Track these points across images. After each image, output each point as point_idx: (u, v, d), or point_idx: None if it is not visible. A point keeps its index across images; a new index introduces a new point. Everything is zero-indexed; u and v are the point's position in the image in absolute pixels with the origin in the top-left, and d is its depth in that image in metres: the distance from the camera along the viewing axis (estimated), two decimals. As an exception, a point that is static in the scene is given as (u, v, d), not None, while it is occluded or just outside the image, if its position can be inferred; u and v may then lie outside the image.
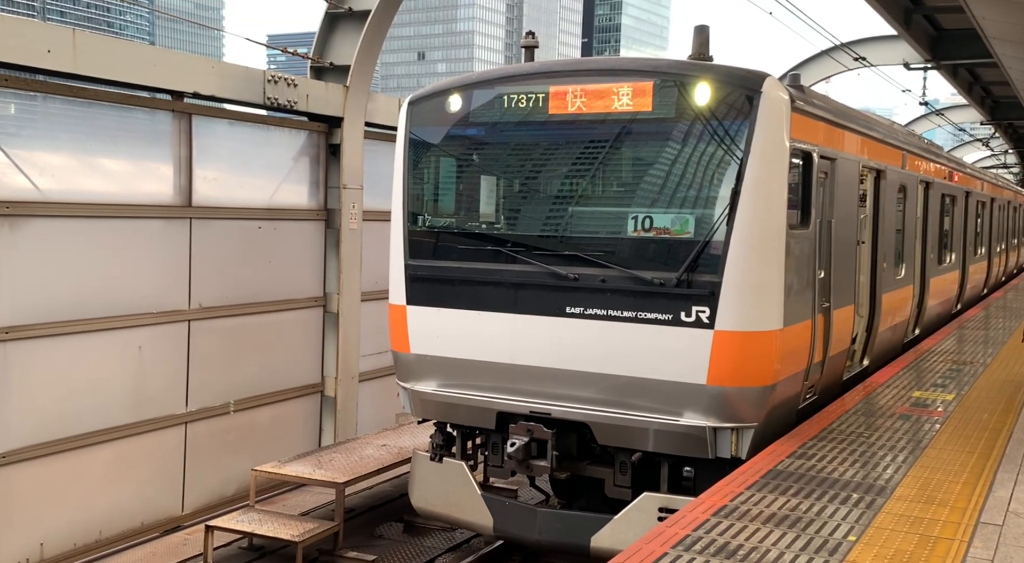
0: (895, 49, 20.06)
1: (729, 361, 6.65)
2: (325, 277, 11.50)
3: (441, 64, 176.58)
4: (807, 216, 7.47)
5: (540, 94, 7.36)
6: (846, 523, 5.28)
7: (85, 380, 8.63)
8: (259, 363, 10.59)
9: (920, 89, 24.35)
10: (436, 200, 8.20)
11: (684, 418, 6.79)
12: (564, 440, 7.26)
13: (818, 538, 5.04)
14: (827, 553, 4.83)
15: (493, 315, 7.43)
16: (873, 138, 9.69)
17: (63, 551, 8.47)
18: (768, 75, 6.98)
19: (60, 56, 8.11)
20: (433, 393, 7.76)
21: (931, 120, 31.96)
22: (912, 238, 11.84)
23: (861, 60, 19.57)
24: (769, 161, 6.77)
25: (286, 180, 11.08)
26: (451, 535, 9.22)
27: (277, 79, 10.43)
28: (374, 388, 12.37)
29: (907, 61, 19.75)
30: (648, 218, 7.02)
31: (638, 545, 4.90)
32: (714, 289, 6.63)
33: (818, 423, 7.61)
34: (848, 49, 19.69)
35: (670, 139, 7.02)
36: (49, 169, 8.38)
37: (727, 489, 5.86)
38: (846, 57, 20.02)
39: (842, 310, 8.48)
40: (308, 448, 10.57)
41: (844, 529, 5.19)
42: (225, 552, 8.42)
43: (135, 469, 9.17)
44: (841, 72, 22.21)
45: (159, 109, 9.41)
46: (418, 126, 7.95)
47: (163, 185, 9.49)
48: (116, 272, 8.90)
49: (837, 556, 4.79)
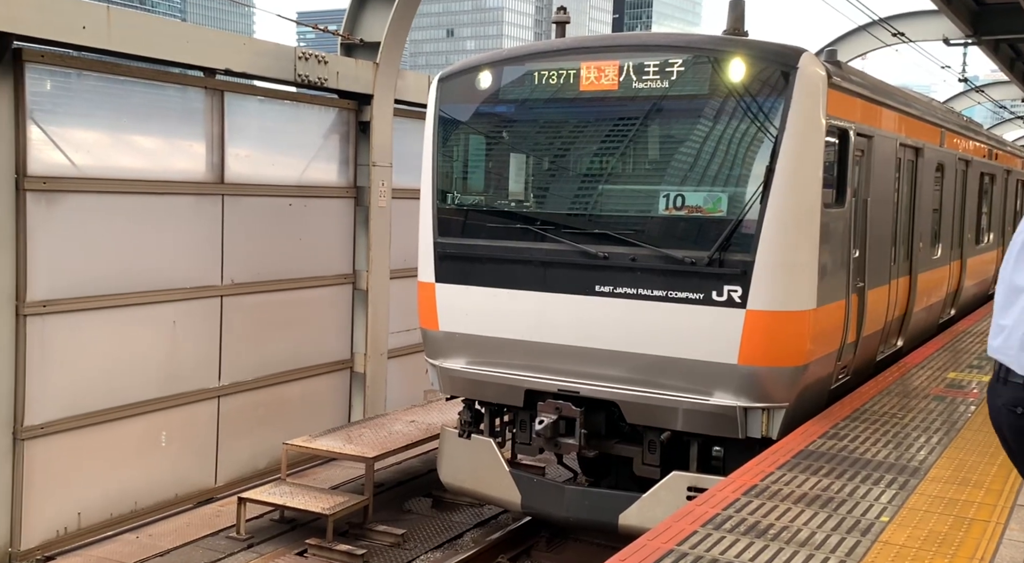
0: (935, 24, 19.58)
1: (761, 341, 6.59)
2: (354, 254, 11.55)
3: (470, 41, 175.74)
4: (842, 195, 7.35)
5: (571, 70, 7.29)
6: (879, 504, 5.23)
7: (121, 354, 8.77)
8: (289, 339, 10.69)
9: (960, 65, 23.79)
10: (466, 178, 8.17)
11: (714, 397, 6.75)
12: (592, 418, 7.26)
13: (850, 518, 5.00)
14: (859, 533, 4.79)
15: (522, 293, 7.42)
16: (911, 115, 9.50)
17: (100, 521, 8.66)
18: (804, 50, 6.85)
19: (95, 32, 8.17)
20: (461, 370, 7.78)
21: (970, 97, 31.22)
22: (950, 217, 11.63)
23: (900, 36, 19.13)
24: (804, 138, 6.66)
25: (316, 158, 11.12)
26: (479, 511, 9.29)
27: (308, 56, 10.44)
28: (402, 365, 12.45)
29: (947, 36, 19.27)
30: (680, 196, 6.95)
31: (668, 523, 4.90)
32: (746, 268, 6.56)
33: (851, 404, 7.53)
34: (886, 24, 19.24)
35: (703, 116, 6.92)
36: (84, 145, 8.48)
37: (758, 469, 5.83)
38: (884, 33, 19.58)
39: (877, 290, 8.36)
40: (337, 423, 10.67)
41: (877, 510, 5.14)
42: (257, 524, 8.56)
43: (169, 441, 9.33)
44: (878, 48, 21.73)
45: (192, 86, 9.46)
46: (448, 103, 7.91)
47: (196, 162, 9.57)
48: (150, 248, 9.00)
49: (870, 536, 4.75)
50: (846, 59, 17.74)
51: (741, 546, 4.59)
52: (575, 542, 8.51)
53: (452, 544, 8.51)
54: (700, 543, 4.62)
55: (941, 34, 19.39)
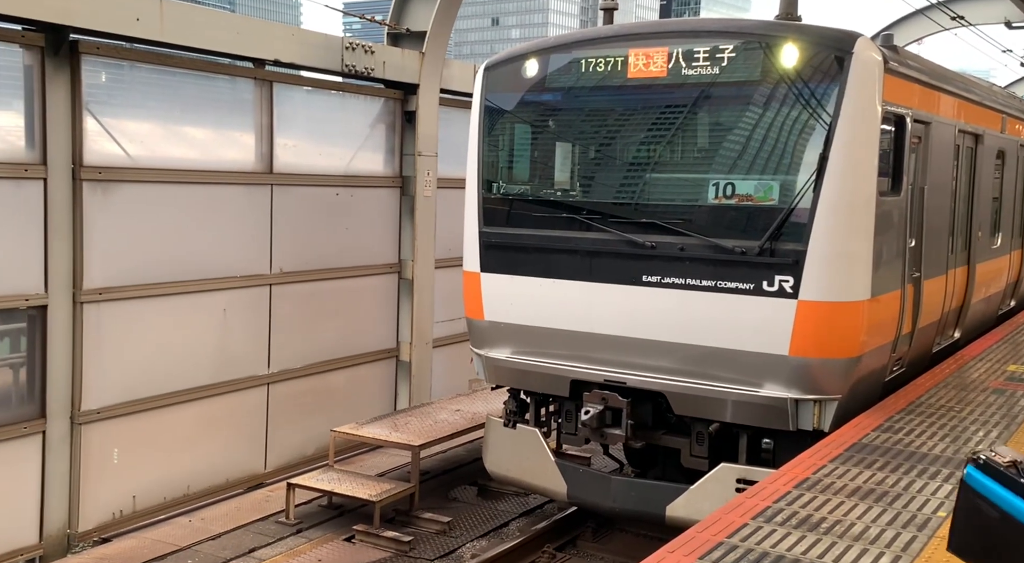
0: (996, 6, 18.97)
1: (813, 332, 6.46)
2: (400, 244, 11.62)
3: (515, 30, 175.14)
4: (898, 183, 7.16)
5: (619, 57, 7.20)
6: (935, 499, 5.10)
7: (173, 341, 8.95)
8: (336, 327, 10.80)
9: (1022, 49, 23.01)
10: (511, 167, 8.14)
11: (764, 389, 6.64)
12: (639, 409, 7.20)
13: (906, 512, 4.88)
14: (915, 528, 4.67)
15: (568, 283, 7.38)
16: (970, 101, 9.21)
17: (154, 504, 8.87)
18: (860, 35, 6.68)
19: (149, 24, 8.31)
20: (507, 360, 7.77)
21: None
22: (1011, 206, 11.28)
23: (959, 19, 18.55)
24: (860, 125, 6.50)
25: (362, 147, 11.19)
26: (524, 500, 9.29)
27: (355, 46, 10.49)
28: (447, 354, 12.51)
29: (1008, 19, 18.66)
30: (730, 184, 6.84)
31: (717, 515, 4.83)
32: (799, 258, 6.43)
33: (906, 396, 7.35)
34: (945, 7, 18.69)
35: (755, 103, 6.79)
36: (138, 136, 8.64)
37: (809, 461, 5.72)
38: (942, 16, 19.01)
39: (933, 280, 8.14)
40: (383, 411, 10.77)
41: (934, 504, 5.01)
42: (306, 509, 8.68)
43: (220, 427, 9.51)
44: (936, 32, 21.11)
45: (242, 77, 9.57)
46: (494, 92, 7.88)
47: (245, 152, 9.69)
48: (201, 237, 9.16)
49: (926, 531, 4.63)
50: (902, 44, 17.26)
51: (793, 539, 4.51)
52: (621, 533, 8.47)
53: (497, 533, 8.53)
54: (751, 536, 4.55)
55: (1003, 17, 18.78)
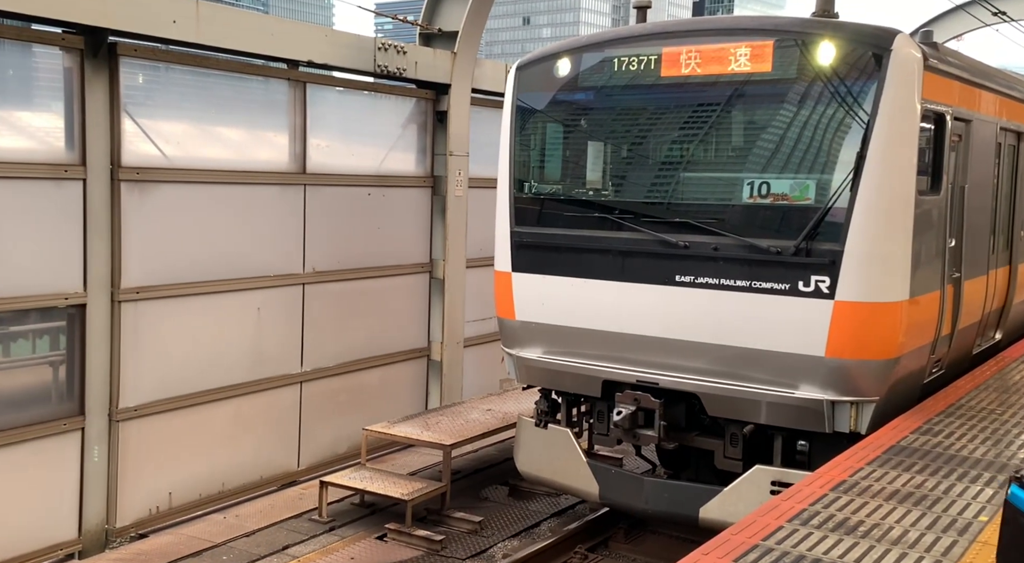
0: (1038, 2, 18.56)
1: (850, 333, 6.37)
2: (431, 244, 11.64)
3: (547, 29, 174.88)
4: (938, 182, 7.04)
5: (652, 56, 7.15)
6: (976, 503, 5.00)
7: (208, 339, 9.05)
8: (368, 327, 10.86)
9: (1065, 45, 22.47)
10: (543, 166, 8.12)
11: (800, 391, 6.56)
12: (672, 410, 7.14)
13: (945, 517, 4.79)
14: (956, 532, 4.59)
15: (600, 283, 7.34)
16: (1012, 98, 9.03)
17: (189, 501, 8.98)
18: (899, 32, 6.57)
19: (185, 26, 8.41)
20: (538, 360, 7.76)
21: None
22: None
23: (1001, 15, 18.18)
24: (898, 123, 6.39)
25: (394, 148, 11.23)
26: (555, 500, 9.27)
27: (387, 47, 10.53)
28: (479, 353, 12.51)
29: (1051, 14, 18.23)
30: (765, 184, 6.76)
31: (752, 517, 4.78)
32: (835, 258, 6.34)
33: (945, 398, 7.22)
34: (986, 3, 18.32)
35: (791, 101, 6.71)
36: (174, 137, 8.75)
37: (846, 464, 5.64)
38: (983, 12, 18.65)
39: (974, 281, 7.98)
40: (415, 410, 10.80)
41: (974, 509, 4.91)
42: (338, 507, 8.73)
43: (254, 425, 9.60)
44: (977, 28, 20.71)
45: (275, 78, 9.66)
46: (526, 92, 7.87)
47: (279, 152, 9.78)
48: (236, 236, 9.25)
49: (967, 536, 4.54)
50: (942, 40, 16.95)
51: (830, 543, 4.44)
52: (653, 534, 8.42)
53: (529, 533, 8.52)
54: (787, 539, 4.49)
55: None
